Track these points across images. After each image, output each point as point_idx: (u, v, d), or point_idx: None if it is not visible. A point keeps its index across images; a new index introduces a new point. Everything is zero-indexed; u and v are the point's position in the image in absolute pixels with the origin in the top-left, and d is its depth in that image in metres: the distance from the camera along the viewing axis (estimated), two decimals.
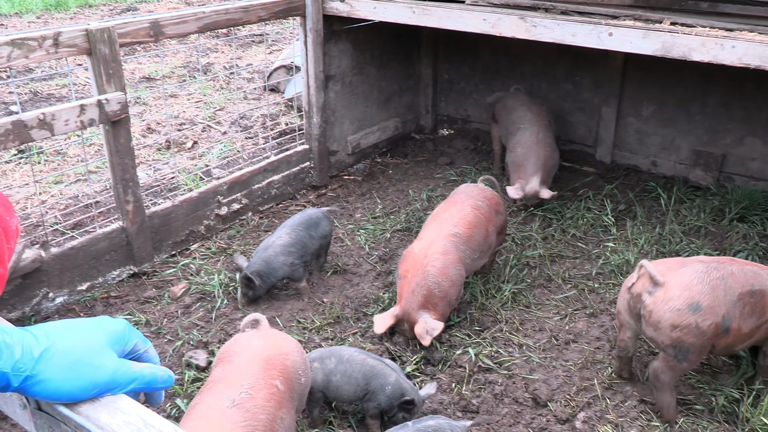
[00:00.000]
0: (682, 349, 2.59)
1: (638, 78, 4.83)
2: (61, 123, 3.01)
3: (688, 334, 2.55)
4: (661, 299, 2.58)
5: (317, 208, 3.73)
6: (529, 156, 4.21)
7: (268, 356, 2.14)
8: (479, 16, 3.77)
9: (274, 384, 2.05)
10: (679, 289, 2.56)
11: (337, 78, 4.72)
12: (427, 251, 3.11)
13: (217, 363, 2.18)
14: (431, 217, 3.37)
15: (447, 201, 3.47)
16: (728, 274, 2.62)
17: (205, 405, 1.93)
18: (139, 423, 0.86)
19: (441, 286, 3.04)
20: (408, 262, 3.14)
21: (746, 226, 4.10)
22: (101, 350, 0.97)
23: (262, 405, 1.96)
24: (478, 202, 3.38)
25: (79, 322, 1.00)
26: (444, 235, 3.17)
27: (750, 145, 4.54)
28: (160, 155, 5.19)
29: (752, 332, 2.65)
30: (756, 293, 2.62)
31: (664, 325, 2.57)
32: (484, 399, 2.81)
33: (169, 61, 7.62)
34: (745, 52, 3.04)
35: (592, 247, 3.99)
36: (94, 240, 3.41)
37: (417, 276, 3.05)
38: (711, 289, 2.56)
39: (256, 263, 3.34)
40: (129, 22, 3.30)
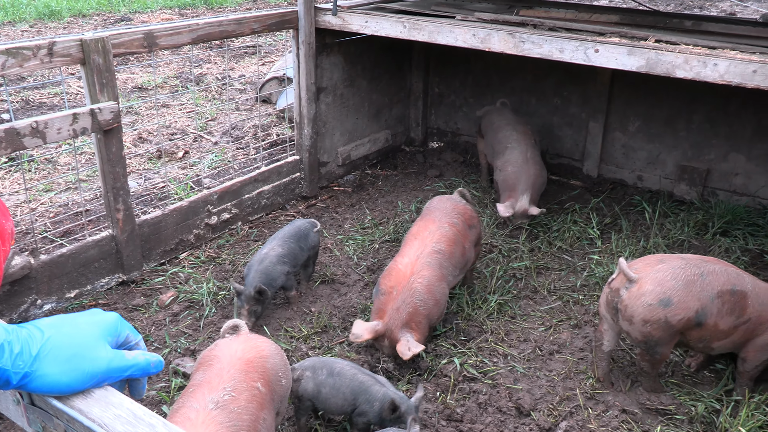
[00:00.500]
0: (650, 343, 2.74)
1: (625, 94, 4.92)
2: (54, 131, 3.03)
3: (657, 329, 2.69)
4: (635, 294, 2.71)
5: (305, 219, 3.76)
6: (519, 175, 4.24)
7: (248, 359, 2.18)
8: (469, 32, 3.83)
9: (256, 386, 2.09)
10: (652, 284, 2.69)
11: (329, 90, 4.78)
12: (413, 268, 3.08)
13: (197, 368, 2.21)
14: (411, 235, 3.33)
15: (423, 219, 3.43)
16: (709, 271, 2.72)
17: (189, 407, 1.95)
18: (129, 416, 0.89)
19: (426, 304, 3.01)
20: (393, 278, 3.08)
21: (729, 240, 4.17)
22: (96, 342, 1.01)
23: (245, 406, 2.00)
24: (453, 219, 3.37)
25: (73, 317, 1.04)
26: (428, 252, 3.14)
27: (733, 160, 4.62)
28: (151, 164, 5.22)
29: (730, 331, 2.73)
30: (737, 293, 2.71)
31: (637, 320, 2.71)
32: (468, 408, 2.84)
33: (162, 71, 7.66)
34: (727, 69, 3.12)
35: (578, 259, 4.05)
36: (83, 248, 3.43)
37: (403, 293, 2.99)
38: (685, 285, 2.67)
39: (255, 277, 3.29)
40: (123, 33, 3.34)
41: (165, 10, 10.83)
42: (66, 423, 0.91)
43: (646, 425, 2.78)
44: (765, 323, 2.77)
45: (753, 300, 2.74)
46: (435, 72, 5.77)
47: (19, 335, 0.95)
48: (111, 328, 1.06)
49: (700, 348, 2.85)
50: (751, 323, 2.75)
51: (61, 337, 0.98)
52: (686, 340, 2.79)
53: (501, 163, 4.40)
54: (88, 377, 0.99)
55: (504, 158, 4.39)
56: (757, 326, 2.77)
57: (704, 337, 2.75)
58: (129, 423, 0.87)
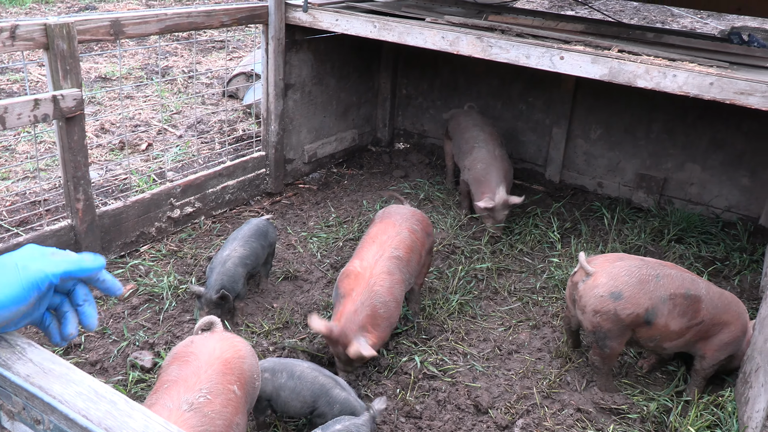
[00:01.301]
0: (599, 334, 2.85)
1: (588, 102, 5.03)
2: (14, 117, 2.97)
3: (606, 320, 2.81)
4: (590, 286, 2.85)
5: (260, 218, 3.70)
6: (490, 170, 4.31)
7: (226, 359, 2.12)
8: (438, 34, 3.88)
9: (232, 389, 2.04)
10: (606, 278, 2.83)
11: (297, 87, 4.77)
12: (372, 270, 2.99)
13: (171, 362, 2.14)
14: (369, 238, 3.22)
15: (382, 222, 3.34)
16: (665, 274, 2.84)
17: (162, 405, 1.90)
18: (90, 393, 0.88)
19: (387, 306, 2.93)
20: (351, 280, 2.98)
21: (683, 247, 4.30)
22: (21, 253, 0.99)
23: (220, 410, 1.95)
24: (413, 225, 3.31)
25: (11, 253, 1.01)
26: (387, 256, 3.07)
27: (689, 170, 4.77)
28: (113, 156, 5.13)
29: (681, 332, 2.85)
30: (690, 297, 2.83)
31: (588, 309, 2.85)
32: (427, 405, 2.87)
33: (127, 62, 7.53)
34: (686, 81, 3.22)
35: (538, 262, 4.12)
36: (40, 237, 3.36)
37: (362, 294, 2.89)
38: (638, 282, 2.80)
39: (218, 280, 3.20)
40: (89, 19, 3.28)
41: (132, 0, 10.65)
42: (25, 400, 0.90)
43: (600, 424, 2.85)
44: (719, 324, 2.90)
45: (707, 304, 2.86)
46: (403, 73, 5.81)
47: None
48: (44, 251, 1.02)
49: (651, 347, 2.95)
50: (705, 325, 2.87)
51: None
52: (637, 338, 2.90)
53: (470, 161, 4.44)
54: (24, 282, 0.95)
55: (472, 157, 4.44)
56: (711, 327, 2.89)
57: (654, 336, 2.86)
58: (90, 400, 0.87)
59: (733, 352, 2.98)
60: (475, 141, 4.54)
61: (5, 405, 0.95)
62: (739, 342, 2.96)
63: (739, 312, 2.97)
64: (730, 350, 2.95)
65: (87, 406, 0.87)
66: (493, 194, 4.19)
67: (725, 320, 2.91)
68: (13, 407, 0.94)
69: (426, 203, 4.81)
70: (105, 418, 0.86)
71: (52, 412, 0.87)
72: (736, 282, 3.96)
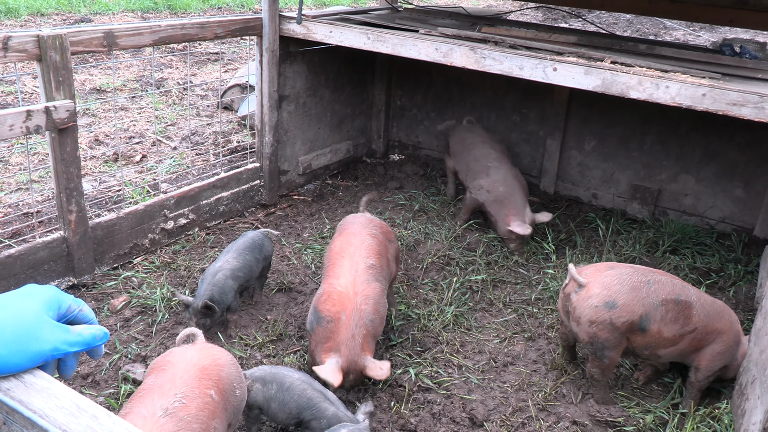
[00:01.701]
0: (597, 345, 2.85)
1: (582, 113, 5.04)
2: (6, 128, 2.95)
3: (602, 330, 2.81)
4: (583, 297, 2.86)
5: (257, 230, 3.67)
6: (513, 192, 4.25)
7: (203, 366, 2.13)
8: (432, 45, 3.88)
9: (209, 393, 2.04)
10: (599, 288, 2.84)
11: (291, 98, 4.77)
12: (355, 288, 2.89)
13: (149, 373, 2.14)
14: (335, 254, 3.12)
15: (341, 234, 3.27)
16: (655, 280, 2.86)
17: (137, 413, 1.88)
18: (72, 407, 0.87)
19: (374, 324, 2.88)
20: (336, 303, 2.85)
21: (678, 258, 4.29)
22: (40, 320, 0.99)
23: (196, 414, 1.94)
24: (373, 230, 3.26)
25: (11, 296, 1.01)
26: (362, 269, 2.99)
27: (683, 181, 4.77)
28: (107, 167, 5.12)
29: (675, 339, 2.85)
30: (681, 303, 2.83)
31: (584, 320, 2.85)
32: (422, 418, 2.85)
33: (122, 74, 7.53)
34: (678, 92, 3.23)
35: (533, 273, 4.11)
36: (33, 249, 3.34)
37: (353, 317, 2.80)
38: (630, 290, 2.81)
39: (207, 290, 3.17)
40: (82, 31, 3.28)
41: (127, 13, 10.67)
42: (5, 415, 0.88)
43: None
44: (712, 333, 2.89)
45: (698, 310, 2.86)
46: (397, 85, 5.82)
47: None
48: (52, 302, 1.04)
49: (646, 355, 2.95)
50: (698, 333, 2.87)
51: (3, 317, 0.96)
52: (632, 346, 2.89)
53: (488, 183, 4.33)
54: (36, 356, 0.97)
55: (491, 179, 4.33)
56: (705, 336, 2.89)
57: (650, 343, 2.86)
58: (71, 414, 0.85)
59: (728, 363, 2.97)
60: (488, 160, 4.45)
61: None
62: (732, 352, 2.95)
63: (731, 321, 2.97)
64: (724, 360, 2.95)
65: (68, 421, 0.85)
66: (522, 217, 4.16)
67: (718, 328, 2.91)
68: None
69: (421, 214, 4.81)
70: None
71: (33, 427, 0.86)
72: (731, 293, 3.95)
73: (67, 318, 1.08)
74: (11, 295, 1.01)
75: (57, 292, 1.06)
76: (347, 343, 2.75)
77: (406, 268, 4.07)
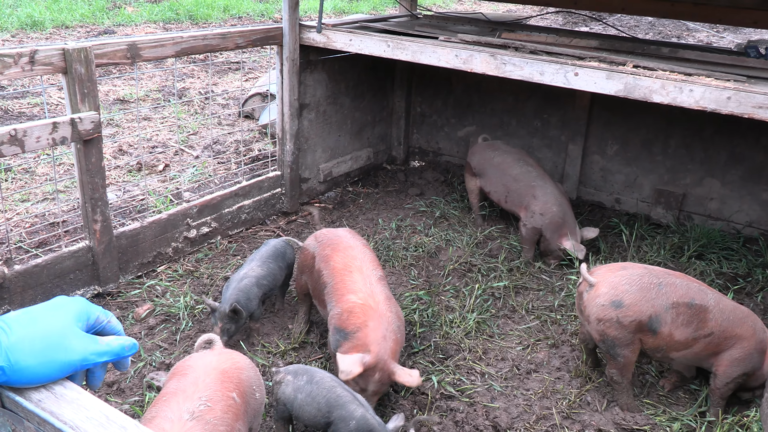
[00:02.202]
0: (608, 343, 2.87)
1: (604, 118, 5.00)
2: (33, 140, 3.01)
3: (609, 328, 2.83)
4: (592, 296, 2.90)
5: (278, 238, 3.69)
6: (565, 210, 4.16)
7: (223, 369, 2.16)
8: (452, 52, 3.88)
9: (231, 396, 2.07)
10: (606, 287, 2.87)
11: (312, 107, 4.80)
12: (374, 298, 2.84)
13: (170, 378, 2.18)
14: (341, 270, 3.01)
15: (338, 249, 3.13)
16: (668, 283, 2.84)
17: (164, 417, 1.92)
18: (101, 418, 0.88)
19: (400, 331, 2.85)
20: (360, 315, 2.78)
21: (704, 263, 4.23)
22: (69, 330, 1.00)
23: (221, 417, 1.97)
24: (361, 240, 3.27)
25: (42, 308, 1.03)
26: (375, 280, 2.96)
27: (708, 185, 4.71)
28: (131, 177, 5.18)
29: (688, 342, 2.82)
30: (695, 306, 2.80)
31: (592, 318, 2.89)
32: (445, 426, 2.83)
33: (145, 84, 7.64)
34: (702, 95, 3.19)
35: (556, 279, 4.08)
36: (59, 258, 3.39)
37: (381, 324, 2.74)
38: (639, 290, 2.81)
39: (233, 296, 3.19)
40: (107, 44, 3.33)
41: (149, 24, 10.83)
42: (37, 426, 0.90)
43: None
44: (731, 338, 2.83)
45: (715, 315, 2.81)
46: (417, 92, 5.83)
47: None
48: (81, 313, 1.06)
49: (659, 358, 2.94)
50: (715, 337, 2.82)
51: (33, 329, 0.98)
52: (645, 347, 2.89)
53: (541, 206, 4.17)
54: (66, 366, 0.99)
55: (540, 200, 4.18)
56: (723, 341, 2.83)
57: (660, 346, 2.85)
58: (101, 425, 0.86)
59: (748, 370, 2.88)
60: (530, 179, 4.29)
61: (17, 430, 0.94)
62: (753, 359, 2.87)
63: (755, 328, 2.89)
64: (744, 367, 2.86)
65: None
66: (576, 236, 4.11)
67: (738, 334, 2.84)
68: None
69: (442, 221, 4.80)
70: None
71: None
72: (759, 298, 3.88)
73: (96, 329, 1.10)
74: (41, 307, 1.03)
75: (86, 303, 1.08)
76: (378, 342, 2.67)
77: (428, 275, 4.06)
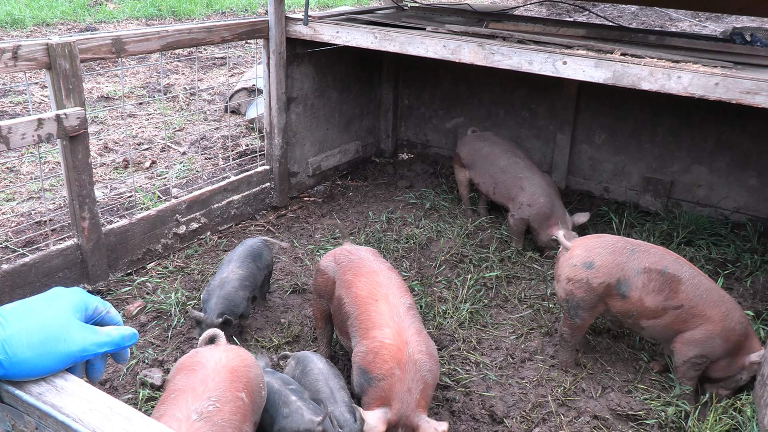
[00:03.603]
0: (572, 303, 2.97)
1: (591, 107, 5.01)
2: (18, 137, 2.96)
3: (579, 288, 2.94)
4: (566, 257, 3.02)
5: (255, 238, 3.58)
6: (553, 201, 4.16)
7: (233, 368, 2.14)
8: (440, 43, 3.87)
9: (240, 396, 2.04)
10: (581, 249, 2.99)
11: (299, 100, 4.77)
12: (402, 337, 2.53)
13: (177, 372, 2.14)
14: (365, 298, 2.71)
15: (360, 274, 2.81)
16: (643, 250, 2.93)
17: (171, 416, 1.89)
18: (105, 410, 0.86)
19: (433, 372, 2.55)
20: (387, 359, 2.49)
21: (693, 249, 4.26)
22: (67, 321, 0.98)
23: (229, 418, 1.95)
24: (386, 263, 2.96)
25: (39, 299, 1.01)
26: (403, 312, 2.64)
27: (696, 172, 4.74)
28: (117, 174, 5.13)
29: (657, 311, 2.86)
30: (667, 275, 2.85)
31: (563, 278, 3.00)
32: (442, 416, 2.84)
33: (129, 81, 7.55)
34: (690, 82, 3.20)
35: (547, 268, 4.09)
36: (47, 257, 3.34)
37: (409, 371, 2.46)
38: (610, 253, 2.92)
39: (218, 304, 3.08)
40: (91, 38, 3.29)
41: (132, 21, 10.71)
42: (37, 420, 0.87)
43: (617, 430, 2.80)
44: (699, 317, 2.83)
45: (688, 288, 2.83)
46: (405, 84, 5.81)
47: None
48: (78, 304, 1.04)
49: (630, 324, 2.98)
50: (683, 312, 2.84)
51: (31, 320, 0.96)
52: (614, 311, 2.96)
53: (528, 197, 4.17)
54: (66, 357, 0.97)
55: (528, 191, 4.18)
56: (690, 318, 2.84)
57: (630, 311, 2.91)
58: (105, 417, 0.85)
59: (705, 353, 2.83)
60: (518, 170, 4.30)
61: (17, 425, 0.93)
62: (713, 343, 2.82)
63: (728, 315, 2.82)
64: (700, 349, 2.83)
65: (102, 424, 0.84)
66: (566, 224, 4.11)
67: (708, 315, 2.81)
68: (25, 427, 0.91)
69: (432, 212, 4.79)
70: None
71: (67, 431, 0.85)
72: (749, 283, 3.92)
73: (94, 320, 1.07)
74: (38, 298, 1.01)
75: (83, 293, 1.06)
76: (400, 397, 2.43)
77: (420, 267, 4.06)
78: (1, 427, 0.95)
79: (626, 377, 3.14)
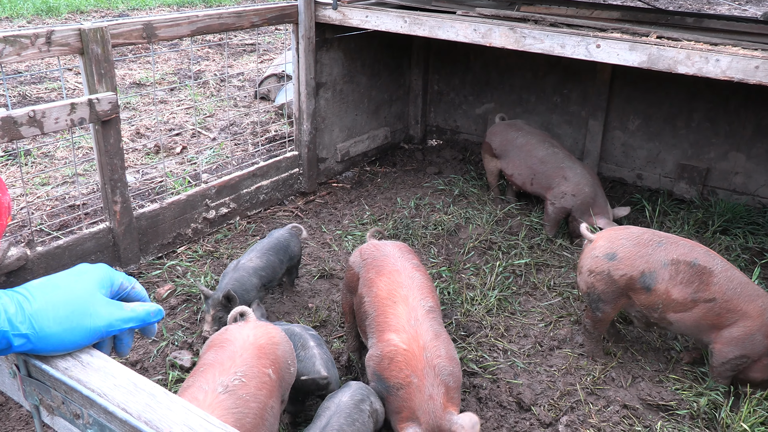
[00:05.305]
0: (593, 296, 2.90)
1: (625, 92, 4.91)
2: (51, 121, 3.00)
3: (599, 281, 2.86)
4: (589, 249, 2.95)
5: (287, 227, 3.57)
6: (596, 190, 4.10)
7: (260, 345, 2.17)
8: (470, 26, 3.82)
9: (267, 372, 2.09)
10: (604, 241, 2.92)
11: (328, 85, 4.76)
12: (420, 341, 2.45)
13: (207, 349, 2.20)
14: (384, 299, 2.62)
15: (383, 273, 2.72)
16: (671, 242, 2.83)
17: (198, 387, 1.95)
18: (129, 386, 0.86)
19: (454, 375, 2.46)
20: (402, 365, 2.42)
21: (729, 238, 4.16)
22: (93, 297, 0.99)
23: (254, 393, 1.99)
24: (413, 260, 2.83)
25: (65, 275, 1.01)
26: (422, 315, 2.54)
27: (733, 159, 4.61)
28: (149, 159, 5.19)
29: (686, 304, 2.75)
30: (697, 267, 2.74)
31: (584, 270, 2.93)
32: (468, 403, 2.82)
33: (160, 67, 7.63)
34: (729, 65, 3.10)
35: (577, 256, 4.02)
36: (80, 240, 3.40)
37: (427, 377, 2.39)
38: (634, 245, 2.83)
39: (228, 284, 3.07)
40: (122, 23, 3.31)
41: (163, 8, 10.81)
42: (64, 394, 0.88)
43: (648, 420, 2.76)
44: (735, 313, 2.71)
45: (720, 280, 2.71)
46: (434, 69, 5.76)
47: (12, 297, 0.93)
48: (104, 280, 1.04)
49: (656, 318, 2.87)
50: (717, 305, 2.72)
51: (56, 295, 0.96)
52: (639, 306, 2.87)
53: (572, 187, 4.09)
54: (92, 332, 0.97)
55: (571, 181, 4.11)
56: (725, 313, 2.72)
57: (656, 304, 2.80)
58: (129, 392, 0.85)
59: (747, 353, 2.72)
60: (559, 160, 4.21)
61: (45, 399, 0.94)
62: (754, 341, 2.70)
63: (765, 308, 2.70)
64: (742, 349, 2.72)
65: (126, 399, 0.85)
66: (608, 215, 4.06)
67: (744, 310, 2.70)
68: (52, 401, 0.92)
69: (461, 199, 4.75)
70: (144, 410, 0.84)
71: (92, 406, 0.86)
72: None
73: (120, 295, 1.08)
74: (64, 274, 1.02)
75: (109, 269, 1.07)
76: (424, 408, 2.35)
77: (448, 253, 4.03)
78: (30, 401, 0.97)
79: (657, 367, 3.08)
